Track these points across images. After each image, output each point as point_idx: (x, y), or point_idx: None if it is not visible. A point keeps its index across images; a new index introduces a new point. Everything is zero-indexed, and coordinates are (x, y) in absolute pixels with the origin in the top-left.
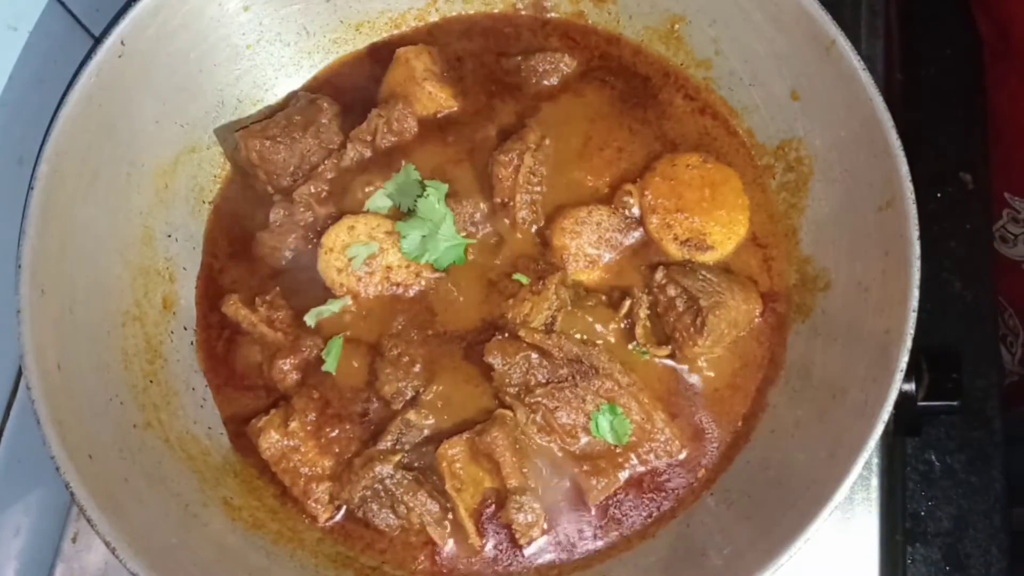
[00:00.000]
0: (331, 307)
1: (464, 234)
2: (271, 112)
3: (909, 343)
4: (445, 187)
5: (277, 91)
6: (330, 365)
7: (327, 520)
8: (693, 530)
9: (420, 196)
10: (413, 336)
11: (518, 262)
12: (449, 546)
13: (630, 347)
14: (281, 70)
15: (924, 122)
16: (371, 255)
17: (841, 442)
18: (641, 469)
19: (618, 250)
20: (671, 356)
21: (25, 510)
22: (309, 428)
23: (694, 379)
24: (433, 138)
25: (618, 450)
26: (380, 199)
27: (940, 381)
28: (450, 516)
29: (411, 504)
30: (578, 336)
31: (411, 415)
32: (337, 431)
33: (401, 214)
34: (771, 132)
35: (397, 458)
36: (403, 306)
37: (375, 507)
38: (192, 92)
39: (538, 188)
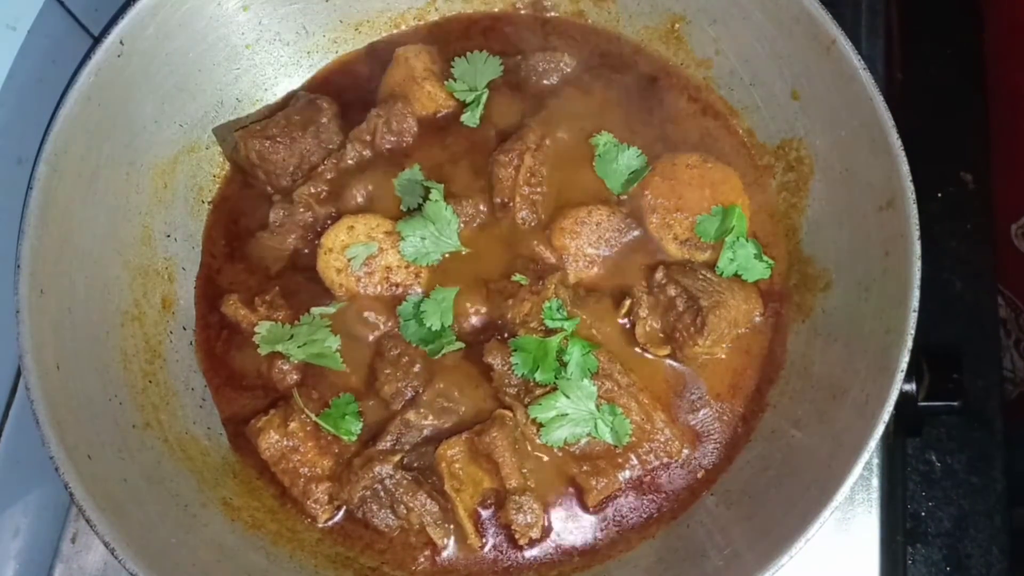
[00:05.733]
0: (330, 308)
1: (462, 233)
2: (270, 112)
3: (910, 343)
4: (441, 187)
5: (276, 91)
6: (328, 361)
7: (326, 520)
8: (693, 530)
9: (426, 198)
10: None
11: (518, 262)
12: (448, 546)
13: (630, 347)
14: (280, 70)
15: (924, 122)
16: (370, 255)
17: (841, 442)
18: (641, 469)
19: (618, 250)
20: (671, 356)
21: (24, 510)
22: (308, 428)
23: (694, 379)
24: (433, 138)
25: (618, 450)
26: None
27: (940, 381)
28: (450, 516)
29: (411, 504)
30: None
31: (411, 415)
32: None
33: (401, 213)
34: (771, 132)
35: (397, 458)
36: None
37: (375, 507)
38: (191, 92)
39: (538, 188)
